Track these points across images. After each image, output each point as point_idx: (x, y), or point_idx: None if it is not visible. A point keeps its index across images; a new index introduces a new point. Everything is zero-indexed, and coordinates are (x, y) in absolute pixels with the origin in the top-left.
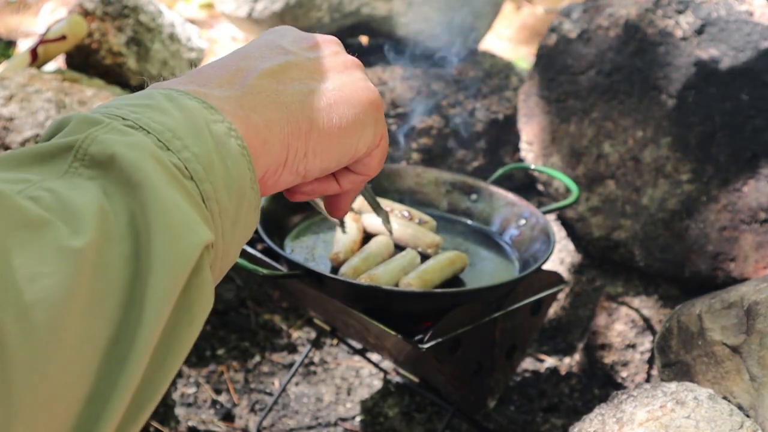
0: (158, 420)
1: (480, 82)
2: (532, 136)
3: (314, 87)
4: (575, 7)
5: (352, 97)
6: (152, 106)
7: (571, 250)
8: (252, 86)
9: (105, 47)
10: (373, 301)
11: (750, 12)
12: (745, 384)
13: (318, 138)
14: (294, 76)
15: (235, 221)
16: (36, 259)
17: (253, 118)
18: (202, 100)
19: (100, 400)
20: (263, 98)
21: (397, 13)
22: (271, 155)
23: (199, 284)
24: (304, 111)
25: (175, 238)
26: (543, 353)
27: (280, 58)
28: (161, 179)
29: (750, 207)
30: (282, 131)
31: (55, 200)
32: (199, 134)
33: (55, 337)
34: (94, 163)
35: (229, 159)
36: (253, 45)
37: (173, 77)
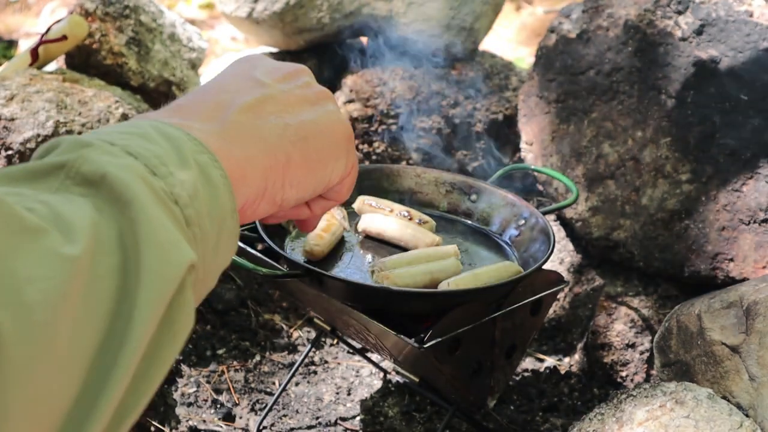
0: (158, 419)
1: (480, 82)
2: (532, 136)
3: (290, 121)
4: (575, 7)
5: (325, 131)
6: (140, 135)
7: (570, 250)
8: (232, 122)
9: (105, 48)
10: (373, 301)
11: (749, 12)
12: (744, 383)
13: (294, 170)
14: (270, 110)
15: (216, 247)
16: (33, 262)
17: (234, 152)
18: (187, 132)
19: (88, 403)
20: (243, 133)
21: (397, 13)
22: (251, 187)
23: (181, 303)
24: (282, 145)
25: (163, 255)
26: (543, 353)
27: (256, 91)
28: (150, 200)
29: (749, 207)
30: (261, 164)
31: (49, 212)
32: (185, 163)
33: (49, 337)
34: (85, 181)
35: (211, 188)
36: (228, 76)
37: (173, 77)
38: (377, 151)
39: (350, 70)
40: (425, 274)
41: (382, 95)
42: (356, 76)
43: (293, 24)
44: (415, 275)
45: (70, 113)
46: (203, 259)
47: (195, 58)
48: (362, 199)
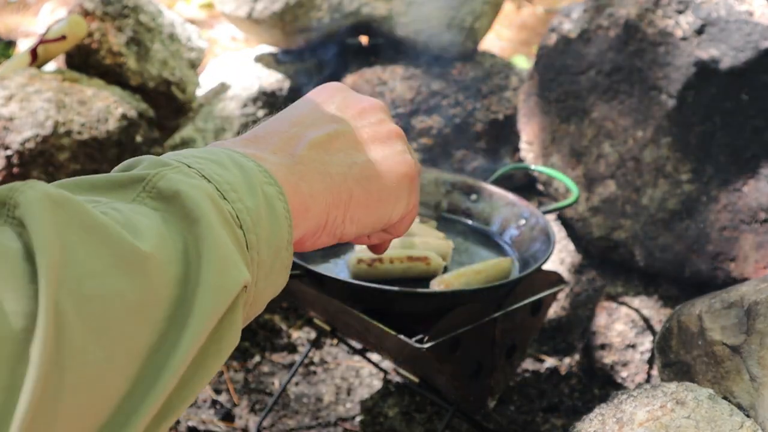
0: None
1: (480, 82)
2: (532, 136)
3: (357, 159)
4: (575, 7)
5: (391, 171)
6: (215, 161)
7: (571, 250)
8: (302, 156)
9: (105, 47)
10: (373, 301)
11: (750, 12)
12: (745, 384)
13: (356, 208)
14: (340, 146)
15: (269, 274)
16: (97, 257)
17: (301, 186)
18: (258, 163)
19: (136, 400)
20: (311, 169)
21: (397, 13)
22: (312, 221)
23: (231, 320)
24: (346, 182)
25: (222, 271)
26: (543, 353)
27: (329, 127)
28: (216, 219)
29: (750, 207)
30: (324, 200)
31: (120, 216)
32: (253, 192)
33: (106, 330)
34: (160, 196)
35: (274, 218)
36: (304, 108)
37: (173, 77)
38: None
39: (350, 70)
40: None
41: (381, 95)
42: (356, 75)
43: (293, 23)
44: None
45: (69, 113)
46: (256, 283)
47: (194, 57)
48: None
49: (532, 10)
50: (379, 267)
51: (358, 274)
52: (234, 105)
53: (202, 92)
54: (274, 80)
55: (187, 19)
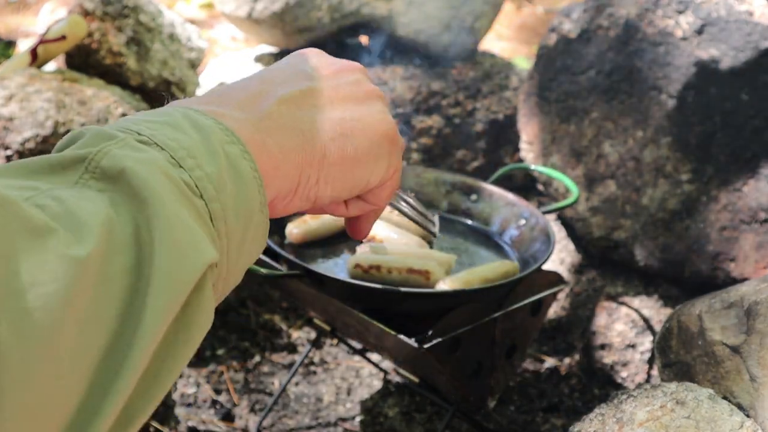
0: (158, 420)
1: (480, 82)
2: (532, 136)
3: (332, 115)
4: (575, 7)
5: (368, 129)
6: (169, 124)
7: (571, 250)
8: (270, 111)
9: (105, 47)
10: (373, 302)
11: (750, 12)
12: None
13: (330, 167)
14: (313, 102)
15: (242, 243)
16: (38, 265)
17: (267, 142)
18: (219, 121)
19: (91, 409)
20: (280, 124)
21: (397, 13)
22: (283, 180)
23: (199, 302)
24: (319, 139)
25: (178, 255)
26: (543, 353)
27: (302, 84)
28: (169, 196)
29: (750, 207)
30: (296, 158)
31: (62, 208)
32: (213, 154)
33: (49, 343)
34: (104, 176)
35: (240, 181)
36: (276, 68)
37: (173, 77)
38: None
39: None
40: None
41: None
42: None
43: (293, 23)
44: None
45: (69, 113)
46: (227, 255)
47: (194, 57)
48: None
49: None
50: (376, 275)
51: (355, 279)
52: None
53: (202, 92)
54: None
55: (187, 19)
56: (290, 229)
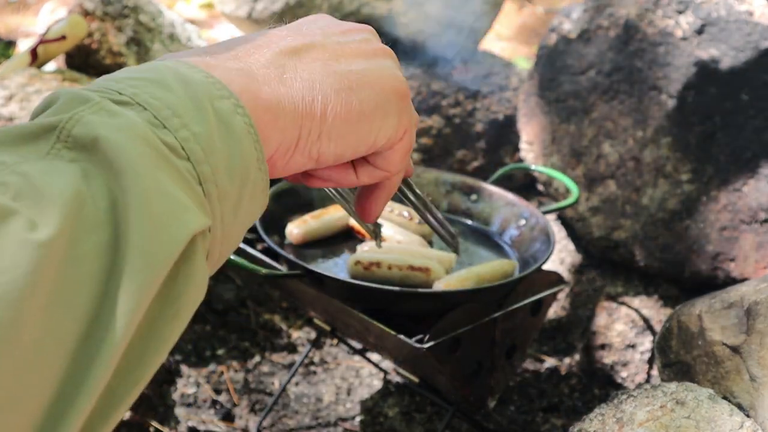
0: (158, 420)
1: (480, 82)
2: (532, 136)
3: (336, 68)
4: (575, 7)
5: (375, 83)
6: (154, 81)
7: (571, 250)
8: (268, 61)
9: (105, 47)
10: (373, 301)
11: (750, 12)
12: (745, 384)
13: (334, 121)
14: (317, 56)
15: (238, 204)
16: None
17: (264, 92)
18: (209, 73)
19: (67, 399)
20: (278, 73)
21: (397, 13)
22: (282, 134)
23: (189, 273)
24: (321, 90)
25: (155, 228)
26: (543, 353)
27: (306, 39)
28: (148, 164)
29: (750, 207)
30: (295, 109)
31: (26, 185)
32: (201, 111)
33: (12, 335)
34: (77, 145)
35: (232, 138)
36: (281, 27)
37: None
38: None
39: None
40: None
41: None
42: None
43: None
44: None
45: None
46: (221, 219)
47: None
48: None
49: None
50: (377, 272)
51: (355, 277)
52: None
53: None
54: None
55: (187, 19)
56: (290, 229)
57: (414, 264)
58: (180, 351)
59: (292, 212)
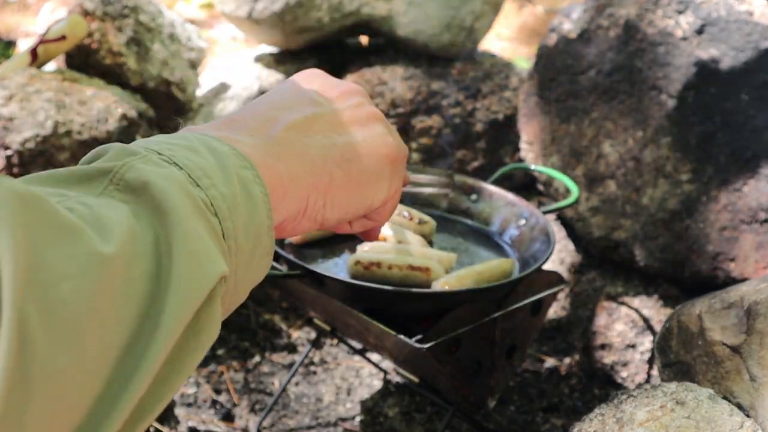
0: (158, 420)
1: (480, 82)
2: (532, 136)
3: (337, 141)
4: (575, 7)
5: (371, 153)
6: (187, 147)
7: (571, 250)
8: (279, 138)
9: (105, 47)
10: (373, 301)
11: (750, 12)
12: (746, 384)
13: (337, 191)
14: (319, 128)
15: (249, 262)
16: (66, 260)
17: (278, 168)
18: (233, 147)
19: (109, 402)
20: (289, 150)
21: (397, 13)
22: (291, 204)
23: (209, 313)
24: (326, 165)
25: (195, 265)
26: (543, 353)
27: (308, 110)
28: (188, 210)
29: (750, 207)
30: (304, 183)
31: (89, 212)
32: (227, 177)
33: (76, 335)
34: (128, 188)
35: (251, 204)
36: (282, 93)
37: (173, 77)
38: None
39: (350, 69)
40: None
41: (382, 95)
42: (356, 75)
43: (293, 23)
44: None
45: (69, 113)
46: (235, 272)
47: (194, 57)
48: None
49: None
50: (377, 272)
51: (355, 276)
52: (234, 105)
53: (202, 92)
54: (274, 80)
55: (187, 19)
56: None
57: (414, 264)
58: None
59: None
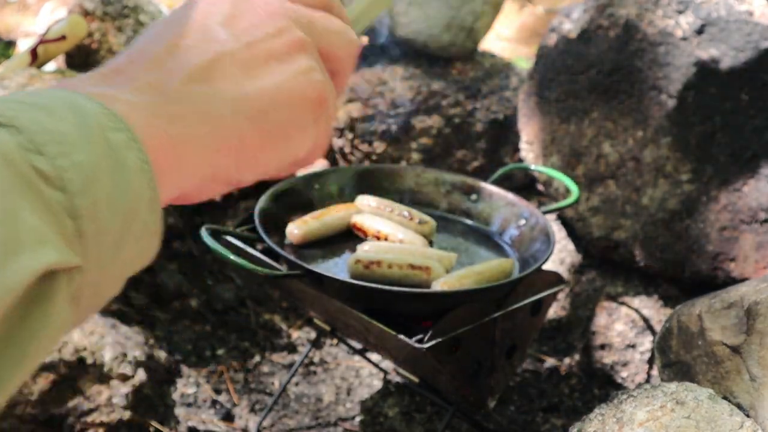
0: (158, 420)
1: (480, 82)
2: (532, 136)
3: (249, 89)
4: (575, 7)
5: (291, 98)
6: (41, 106)
7: (571, 250)
8: (175, 94)
9: (105, 47)
10: (373, 301)
11: (750, 12)
12: (745, 384)
13: (250, 151)
14: (225, 72)
15: (120, 244)
16: None
17: (169, 131)
18: (105, 105)
19: None
20: (187, 110)
21: (397, 13)
22: (191, 174)
23: (43, 315)
24: (235, 122)
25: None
26: (543, 353)
27: (211, 47)
28: (9, 186)
29: (750, 207)
30: (206, 147)
31: None
32: (89, 141)
33: None
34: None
35: (121, 173)
36: (183, 22)
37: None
38: (377, 151)
39: None
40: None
41: (382, 95)
42: (356, 75)
43: None
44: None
45: None
46: (97, 258)
47: None
48: (362, 199)
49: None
50: (377, 271)
51: (355, 275)
52: None
53: None
54: None
55: None
56: (290, 229)
57: (414, 263)
58: (180, 351)
59: (292, 212)
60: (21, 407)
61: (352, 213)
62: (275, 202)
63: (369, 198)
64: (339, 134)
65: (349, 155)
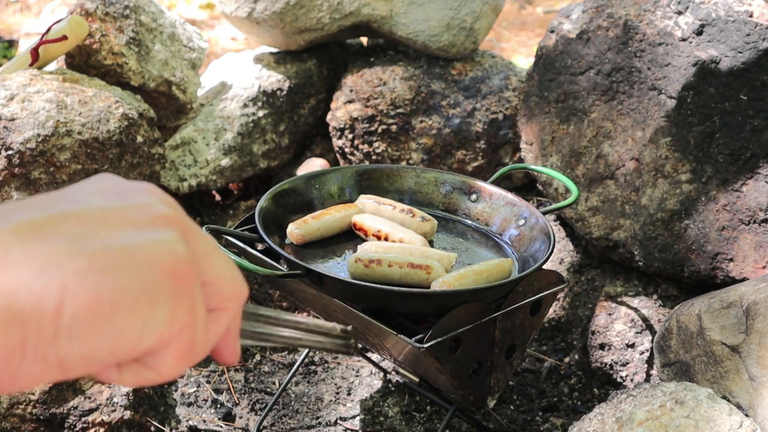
0: (158, 419)
1: (480, 82)
2: (532, 137)
3: (88, 245)
4: (575, 7)
5: (142, 263)
6: None
7: (570, 250)
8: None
9: (106, 48)
10: (373, 301)
11: (749, 12)
12: (744, 383)
13: (75, 314)
14: (69, 229)
15: None
16: None
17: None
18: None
19: None
20: (1, 255)
21: (397, 13)
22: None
23: None
24: (57, 275)
25: None
26: (543, 353)
27: (60, 207)
28: None
29: (749, 207)
30: (14, 304)
31: None
32: None
33: None
34: None
35: None
36: (49, 193)
37: (173, 77)
38: (377, 151)
39: (350, 70)
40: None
41: (382, 95)
42: (356, 76)
43: (293, 24)
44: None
45: (70, 113)
46: None
47: (195, 58)
48: (362, 199)
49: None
50: (377, 269)
51: (355, 274)
52: (234, 105)
53: (202, 92)
54: (274, 80)
55: (187, 20)
56: (291, 229)
57: (414, 262)
58: None
59: (293, 212)
60: (22, 407)
61: (353, 213)
62: (276, 202)
63: (369, 198)
64: (339, 134)
65: (349, 155)
